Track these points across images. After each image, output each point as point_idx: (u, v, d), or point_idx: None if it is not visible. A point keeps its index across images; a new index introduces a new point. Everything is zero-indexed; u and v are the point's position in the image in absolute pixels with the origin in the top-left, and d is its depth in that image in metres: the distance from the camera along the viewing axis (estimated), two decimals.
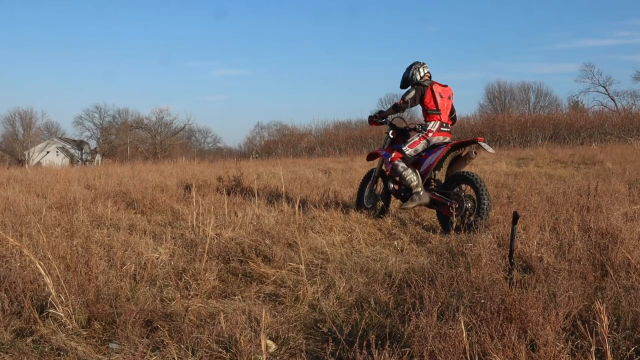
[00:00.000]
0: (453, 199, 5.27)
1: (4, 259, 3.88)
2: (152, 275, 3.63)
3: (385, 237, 5.00)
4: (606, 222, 4.38)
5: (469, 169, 7.21)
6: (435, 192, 5.46)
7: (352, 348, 2.29)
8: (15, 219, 5.51)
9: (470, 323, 2.53)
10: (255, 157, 32.65)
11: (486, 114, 40.82)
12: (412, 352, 2.34)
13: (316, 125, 42.18)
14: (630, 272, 3.37)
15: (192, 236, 5.03)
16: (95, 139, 53.04)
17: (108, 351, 2.58)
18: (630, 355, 2.29)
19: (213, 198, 7.25)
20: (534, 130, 27.60)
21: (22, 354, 2.52)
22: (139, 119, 52.72)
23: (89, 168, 16.87)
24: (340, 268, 3.81)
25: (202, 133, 55.94)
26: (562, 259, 3.76)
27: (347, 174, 11.28)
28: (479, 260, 3.60)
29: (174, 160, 19.62)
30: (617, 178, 8.04)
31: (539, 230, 4.40)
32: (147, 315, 2.92)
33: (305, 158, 24.04)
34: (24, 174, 11.89)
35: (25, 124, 49.69)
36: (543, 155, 15.39)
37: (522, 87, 48.15)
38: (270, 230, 4.99)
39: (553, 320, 2.34)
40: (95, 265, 3.28)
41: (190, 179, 9.98)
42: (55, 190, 8.72)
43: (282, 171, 10.91)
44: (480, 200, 5.03)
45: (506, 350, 2.18)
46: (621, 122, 26.63)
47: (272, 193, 8.18)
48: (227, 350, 2.51)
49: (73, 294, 2.88)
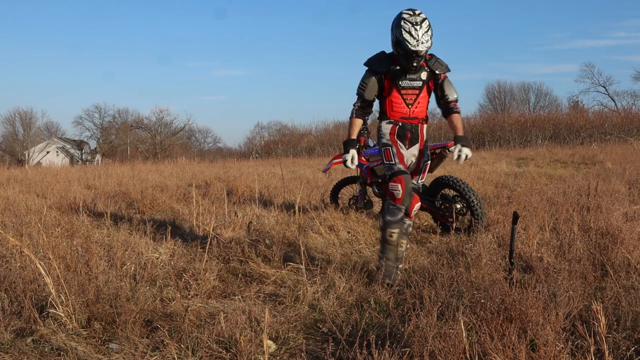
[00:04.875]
0: (442, 206, 5.19)
1: (4, 259, 3.88)
2: (152, 275, 3.63)
3: None
4: (606, 222, 4.38)
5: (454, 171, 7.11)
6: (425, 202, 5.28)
7: (352, 348, 2.29)
8: (15, 219, 5.51)
9: (470, 323, 2.53)
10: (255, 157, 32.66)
11: (486, 114, 40.82)
12: (412, 352, 2.34)
13: (316, 125, 42.25)
14: (630, 272, 3.38)
15: (192, 236, 5.03)
16: (95, 139, 53.04)
17: (108, 351, 2.58)
18: (630, 355, 2.29)
19: (213, 198, 7.25)
20: (534, 130, 27.61)
21: (22, 354, 2.52)
22: (139, 119, 52.73)
23: (89, 168, 16.87)
24: (340, 268, 3.81)
25: (202, 133, 55.94)
26: (562, 259, 3.76)
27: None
28: (479, 260, 3.60)
29: (174, 160, 19.63)
30: (617, 178, 8.04)
31: (539, 230, 4.40)
32: (147, 315, 2.92)
33: (305, 158, 24.04)
34: (24, 174, 11.89)
35: (25, 124, 49.69)
36: (543, 155, 15.40)
37: (522, 87, 48.17)
38: (270, 230, 4.99)
39: (553, 320, 2.34)
40: (95, 265, 3.28)
41: (190, 179, 9.99)
42: (55, 190, 8.72)
43: (282, 171, 10.91)
44: (469, 202, 4.94)
45: (506, 350, 2.19)
46: (621, 122, 26.65)
47: (272, 193, 8.19)
48: (227, 350, 2.51)
49: (73, 294, 2.88)
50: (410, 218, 3.63)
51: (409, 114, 3.63)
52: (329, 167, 6.51)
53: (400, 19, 3.43)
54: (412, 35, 3.37)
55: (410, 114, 3.64)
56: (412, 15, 3.41)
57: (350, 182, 6.40)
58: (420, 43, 3.38)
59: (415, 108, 3.64)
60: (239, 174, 10.94)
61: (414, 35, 3.37)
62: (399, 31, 3.41)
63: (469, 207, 4.94)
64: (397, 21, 3.43)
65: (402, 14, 3.45)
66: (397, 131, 3.64)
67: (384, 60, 3.59)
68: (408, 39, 3.38)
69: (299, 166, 15.73)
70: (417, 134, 3.67)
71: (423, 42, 3.38)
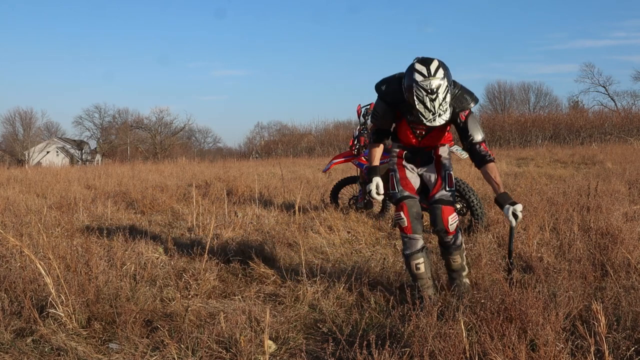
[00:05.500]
0: None
1: (4, 259, 3.89)
2: (152, 275, 3.63)
3: (386, 237, 5.00)
4: (606, 222, 4.38)
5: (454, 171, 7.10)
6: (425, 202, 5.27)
7: (352, 348, 2.29)
8: (15, 219, 5.52)
9: (470, 323, 2.53)
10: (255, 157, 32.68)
11: (486, 114, 40.84)
12: (412, 352, 2.34)
13: (316, 125, 42.28)
14: (630, 272, 3.38)
15: (192, 236, 5.04)
16: (95, 139, 53.02)
17: (108, 351, 2.58)
18: (630, 355, 2.29)
19: (213, 198, 7.26)
20: (534, 130, 27.63)
21: (22, 354, 2.52)
22: (139, 119, 52.72)
23: (89, 168, 16.88)
24: (340, 268, 3.81)
25: (202, 133, 55.91)
26: (562, 259, 3.76)
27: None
28: (479, 260, 3.60)
29: (174, 160, 19.64)
30: (617, 178, 8.04)
31: (539, 230, 4.41)
32: (147, 315, 2.92)
33: (305, 158, 24.05)
34: (24, 174, 11.89)
35: (25, 124, 49.67)
36: (543, 155, 15.40)
37: (522, 87, 48.16)
38: (270, 230, 4.99)
39: (553, 320, 2.34)
40: (95, 265, 3.28)
41: (190, 179, 9.99)
42: (55, 190, 8.72)
43: (282, 171, 10.92)
44: (469, 202, 4.91)
45: (506, 350, 2.19)
46: (621, 122, 26.67)
47: (272, 193, 8.19)
48: (227, 350, 2.51)
49: (73, 294, 2.88)
50: (451, 233, 3.16)
51: (418, 144, 3.23)
52: (329, 167, 6.52)
53: (412, 81, 2.86)
54: (427, 108, 2.87)
55: (419, 144, 3.23)
56: (426, 78, 2.82)
57: (350, 182, 6.41)
58: (437, 116, 2.89)
59: (426, 140, 3.21)
60: (239, 174, 10.95)
61: (429, 108, 2.87)
62: (411, 97, 2.89)
63: (469, 207, 4.94)
64: (410, 82, 2.88)
65: (415, 73, 2.85)
66: (405, 155, 3.27)
67: (396, 94, 3.05)
68: (423, 112, 2.89)
69: (299, 166, 15.74)
70: (429, 157, 3.27)
71: (440, 114, 2.88)
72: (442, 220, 3.11)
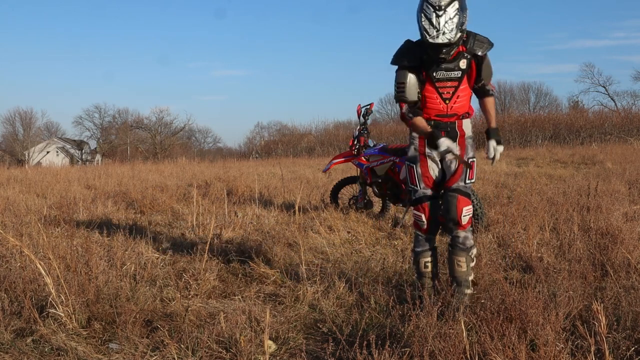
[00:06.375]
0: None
1: (4, 259, 3.89)
2: (152, 275, 3.63)
3: (386, 237, 5.00)
4: (606, 222, 4.38)
5: None
6: None
7: (352, 348, 2.29)
8: (15, 219, 5.52)
9: (470, 323, 2.53)
10: (255, 157, 32.67)
11: None
12: (412, 352, 2.34)
13: (316, 125, 42.19)
14: (630, 272, 3.38)
15: (192, 236, 5.04)
16: (95, 139, 53.01)
17: (108, 351, 2.58)
18: (630, 355, 2.29)
19: (213, 198, 7.26)
20: (534, 130, 27.59)
21: (22, 354, 2.52)
22: (139, 119, 52.69)
23: (89, 168, 16.88)
24: (340, 268, 3.81)
25: (202, 133, 55.87)
26: (562, 259, 3.76)
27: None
28: (479, 260, 3.60)
29: (174, 160, 19.63)
30: (617, 178, 8.04)
31: (539, 230, 4.41)
32: (147, 315, 2.92)
33: (305, 158, 24.04)
34: (24, 174, 11.89)
35: (25, 124, 49.65)
36: (543, 155, 15.39)
37: (522, 87, 48.10)
38: (270, 230, 4.99)
39: (553, 320, 2.34)
40: (95, 265, 3.28)
41: (190, 179, 9.99)
42: (55, 190, 8.72)
43: (282, 171, 10.92)
44: None
45: (506, 350, 2.19)
46: (621, 122, 26.62)
47: (272, 193, 8.19)
48: (227, 350, 2.51)
49: (73, 294, 2.88)
50: (462, 227, 3.05)
51: (446, 110, 3.03)
52: (329, 167, 6.52)
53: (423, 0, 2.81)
54: (432, 24, 2.76)
55: (447, 110, 3.03)
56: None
57: (350, 182, 6.40)
58: (441, 34, 2.76)
59: (454, 103, 3.03)
60: (239, 174, 10.95)
61: (434, 24, 2.75)
62: (419, 16, 2.80)
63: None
64: (421, 3, 2.83)
65: None
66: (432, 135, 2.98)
67: (412, 50, 2.97)
68: (427, 28, 2.77)
69: (299, 166, 15.73)
70: (454, 133, 3.06)
71: (445, 32, 2.75)
72: (456, 210, 3.01)
